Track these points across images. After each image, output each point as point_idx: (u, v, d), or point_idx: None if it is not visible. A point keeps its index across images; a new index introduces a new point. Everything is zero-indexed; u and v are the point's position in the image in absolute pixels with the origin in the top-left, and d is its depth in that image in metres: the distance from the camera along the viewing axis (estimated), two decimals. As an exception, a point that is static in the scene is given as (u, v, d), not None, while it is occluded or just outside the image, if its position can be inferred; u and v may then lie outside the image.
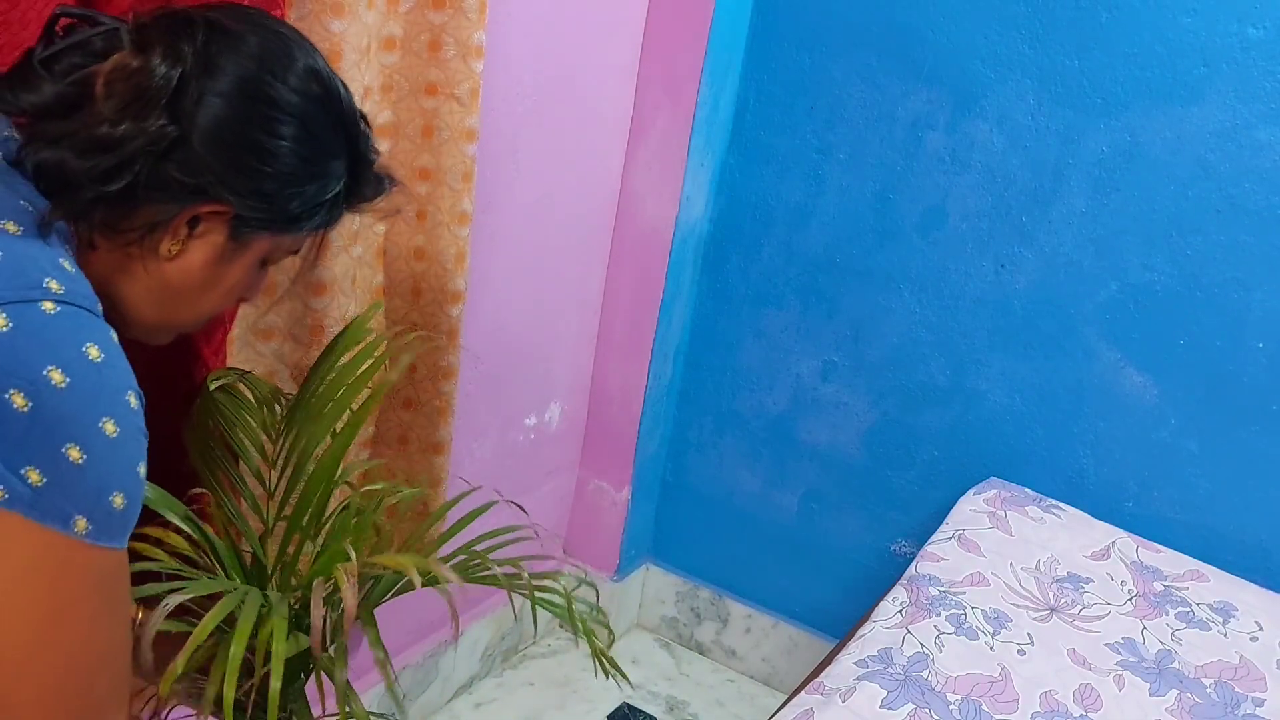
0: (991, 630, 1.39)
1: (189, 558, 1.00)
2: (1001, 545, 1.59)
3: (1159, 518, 1.71)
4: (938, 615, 1.40)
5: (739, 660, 2.21)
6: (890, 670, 1.29)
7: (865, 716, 1.20)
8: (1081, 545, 1.61)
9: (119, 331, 0.75)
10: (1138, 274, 1.65)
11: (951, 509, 1.72)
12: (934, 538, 1.63)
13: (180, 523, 1.00)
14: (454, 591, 0.94)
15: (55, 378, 0.68)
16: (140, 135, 0.75)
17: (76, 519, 0.69)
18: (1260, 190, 1.55)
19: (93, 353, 0.71)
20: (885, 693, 1.24)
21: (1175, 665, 1.38)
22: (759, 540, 2.12)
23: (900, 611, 1.42)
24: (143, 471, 0.74)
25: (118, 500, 0.71)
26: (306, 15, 1.12)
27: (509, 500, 1.23)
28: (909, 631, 1.37)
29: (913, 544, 1.93)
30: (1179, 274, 1.62)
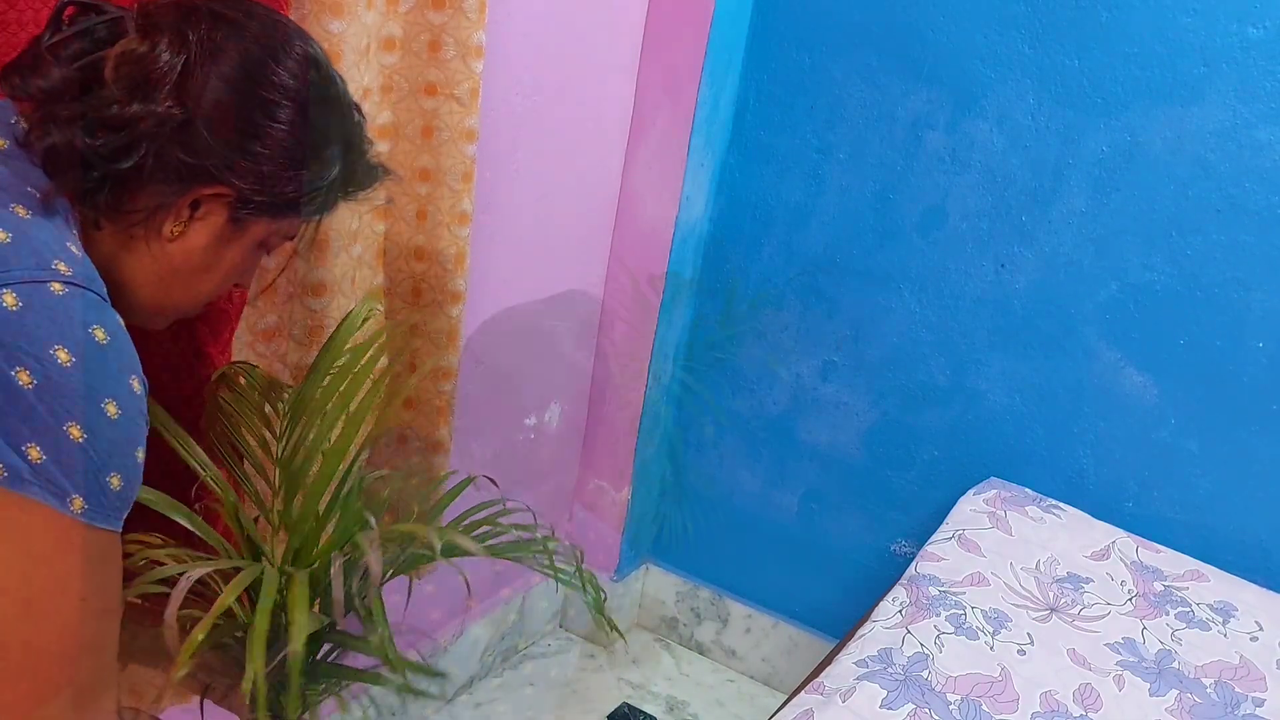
0: (991, 630, 1.39)
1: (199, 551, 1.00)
2: (1001, 545, 1.59)
3: (1159, 518, 1.71)
4: (938, 615, 1.40)
5: (739, 660, 2.21)
6: (890, 670, 1.29)
7: (865, 716, 1.20)
8: (1081, 545, 1.61)
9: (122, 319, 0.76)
10: (1138, 274, 1.65)
11: (951, 509, 1.72)
12: (934, 538, 1.63)
13: (184, 521, 1.00)
14: (460, 580, 0.94)
15: (61, 357, 0.69)
16: (148, 116, 0.78)
17: (73, 498, 0.70)
18: (1260, 190, 1.55)
19: (99, 334, 0.72)
20: (885, 693, 1.24)
21: (1175, 665, 1.37)
22: (759, 540, 2.12)
23: (900, 611, 1.42)
24: (141, 456, 0.75)
25: (115, 481, 0.72)
26: (306, 16, 1.13)
27: (514, 502, 1.23)
28: (909, 631, 1.37)
29: (913, 544, 1.93)
30: (1179, 274, 1.63)
